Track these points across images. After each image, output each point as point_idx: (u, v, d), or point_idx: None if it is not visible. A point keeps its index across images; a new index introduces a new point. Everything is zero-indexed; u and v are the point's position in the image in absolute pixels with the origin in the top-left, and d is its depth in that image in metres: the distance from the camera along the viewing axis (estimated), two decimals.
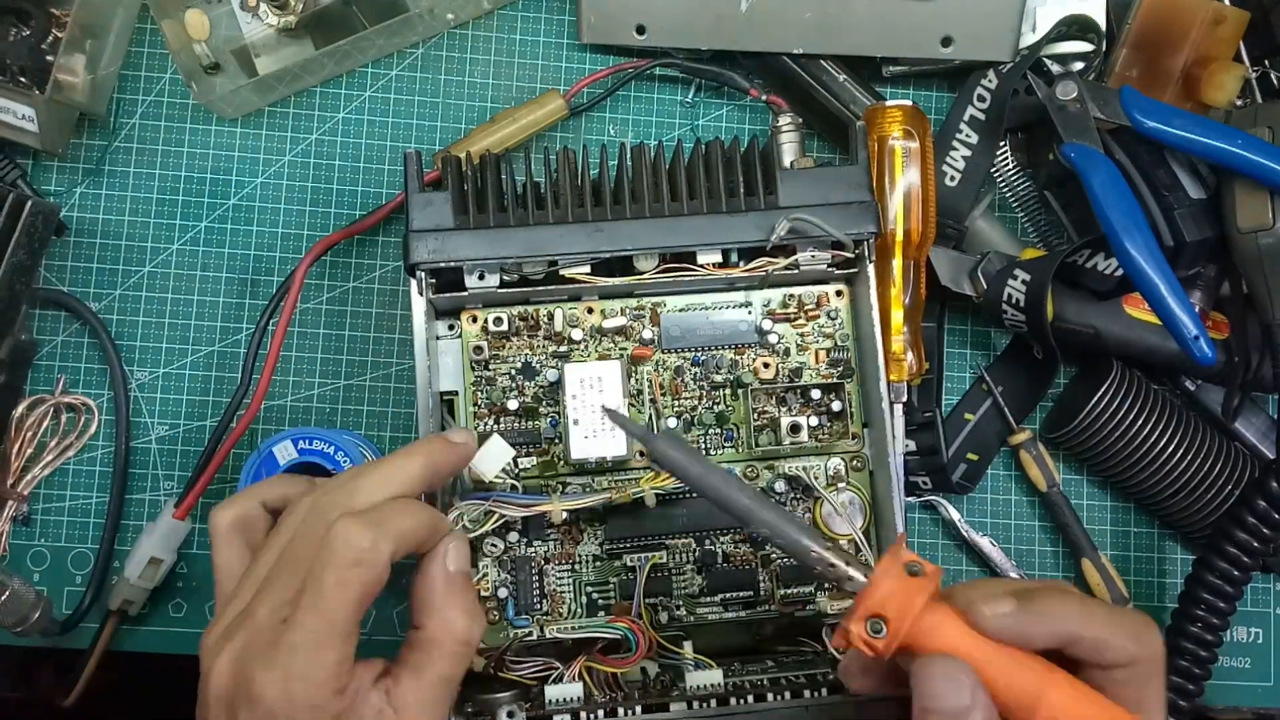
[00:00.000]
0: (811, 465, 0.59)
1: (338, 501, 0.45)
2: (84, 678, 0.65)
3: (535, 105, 0.68)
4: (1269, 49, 0.70)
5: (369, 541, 0.43)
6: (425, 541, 0.46)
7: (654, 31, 0.69)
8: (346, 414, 0.69)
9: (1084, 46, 0.69)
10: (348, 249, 0.70)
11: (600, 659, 0.56)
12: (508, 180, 0.58)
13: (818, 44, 0.68)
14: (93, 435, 0.68)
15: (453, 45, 0.71)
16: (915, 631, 0.41)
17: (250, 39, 0.68)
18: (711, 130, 0.72)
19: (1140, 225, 0.62)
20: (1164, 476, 0.67)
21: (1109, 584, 0.69)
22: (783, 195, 0.56)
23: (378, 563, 0.43)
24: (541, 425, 0.58)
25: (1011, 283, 0.66)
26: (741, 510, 0.45)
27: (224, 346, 0.69)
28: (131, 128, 0.69)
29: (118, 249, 0.69)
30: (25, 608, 0.62)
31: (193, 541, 0.67)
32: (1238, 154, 0.61)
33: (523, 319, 0.58)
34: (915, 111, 0.64)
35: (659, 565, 0.58)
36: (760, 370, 0.59)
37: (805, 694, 0.54)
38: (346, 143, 0.70)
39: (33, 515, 0.67)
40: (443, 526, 0.48)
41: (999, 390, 0.70)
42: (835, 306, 0.59)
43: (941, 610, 0.41)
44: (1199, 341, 0.61)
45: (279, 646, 0.42)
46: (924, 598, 0.41)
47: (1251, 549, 0.63)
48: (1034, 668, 0.41)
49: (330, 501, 0.45)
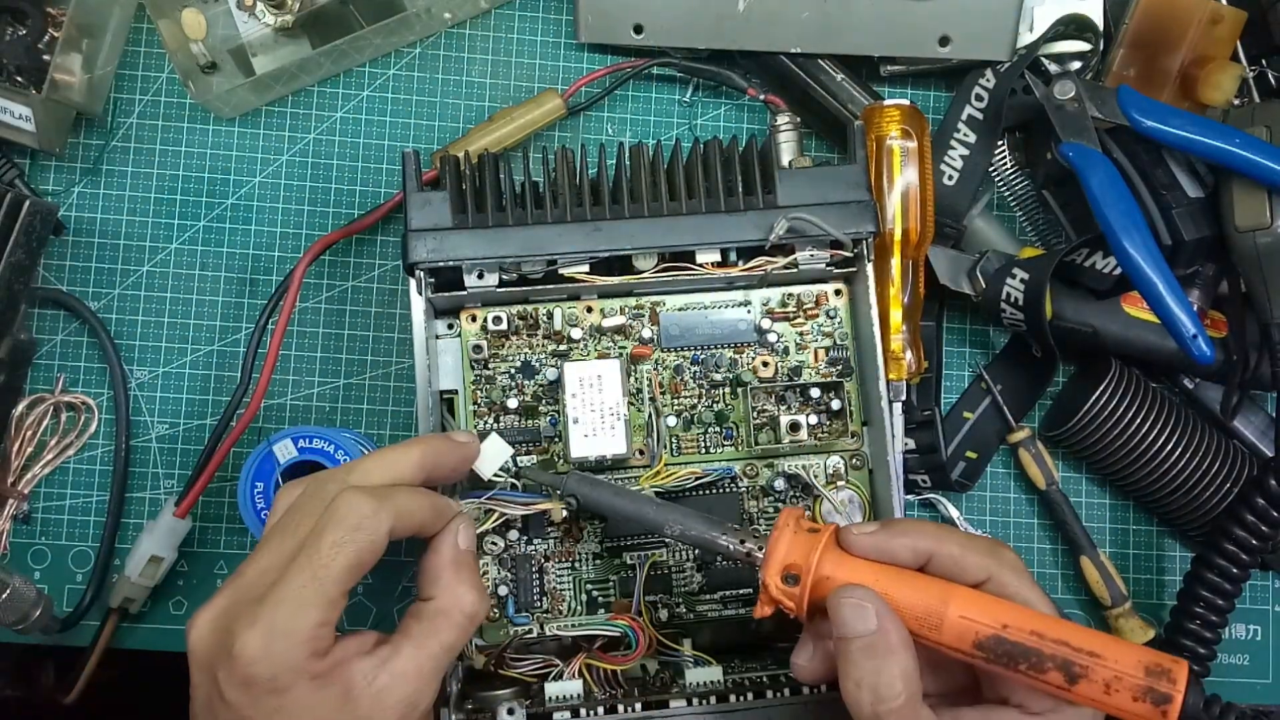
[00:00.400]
0: (811, 463, 0.59)
1: (338, 477, 0.46)
2: (85, 675, 0.65)
3: (533, 105, 0.68)
4: (1266, 48, 0.70)
5: (371, 509, 0.44)
6: (428, 525, 0.47)
7: (652, 31, 0.69)
8: (346, 413, 0.69)
9: (1082, 46, 0.69)
10: (346, 248, 0.70)
11: (600, 656, 0.56)
12: (506, 180, 0.58)
13: (816, 43, 0.68)
14: (93, 434, 0.68)
15: (450, 44, 0.71)
16: (820, 577, 0.45)
17: (247, 38, 0.68)
18: (710, 130, 0.72)
19: (1138, 224, 0.62)
20: (1163, 475, 0.67)
21: (1108, 582, 0.69)
22: (781, 195, 0.56)
23: (377, 531, 0.44)
24: (541, 424, 0.58)
25: (1010, 281, 0.66)
26: (652, 522, 0.51)
27: (223, 345, 0.69)
28: (129, 127, 0.69)
29: (116, 248, 0.69)
30: (26, 606, 0.62)
31: (193, 540, 0.67)
32: (1235, 153, 0.61)
33: (522, 318, 0.58)
34: (913, 111, 0.64)
35: (659, 563, 0.58)
36: (759, 369, 0.59)
37: (804, 691, 0.54)
38: (344, 142, 0.70)
39: (33, 513, 0.67)
40: (449, 511, 0.49)
41: (998, 389, 0.70)
42: (834, 305, 0.59)
43: (839, 553, 0.47)
44: (1197, 340, 0.61)
45: (264, 602, 0.42)
46: (821, 545, 0.46)
47: (1250, 546, 0.63)
48: (935, 582, 0.45)
49: (331, 478, 0.47)
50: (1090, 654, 0.42)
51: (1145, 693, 0.41)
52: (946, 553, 0.46)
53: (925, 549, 0.46)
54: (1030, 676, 0.43)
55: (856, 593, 0.44)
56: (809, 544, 0.46)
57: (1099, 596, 0.69)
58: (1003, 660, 0.43)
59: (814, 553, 0.46)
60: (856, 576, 0.45)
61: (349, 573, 0.43)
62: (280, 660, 0.41)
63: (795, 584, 0.46)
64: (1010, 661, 0.43)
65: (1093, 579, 0.69)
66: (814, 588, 0.46)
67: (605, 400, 0.55)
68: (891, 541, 0.46)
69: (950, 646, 0.44)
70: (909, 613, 0.44)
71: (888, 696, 0.42)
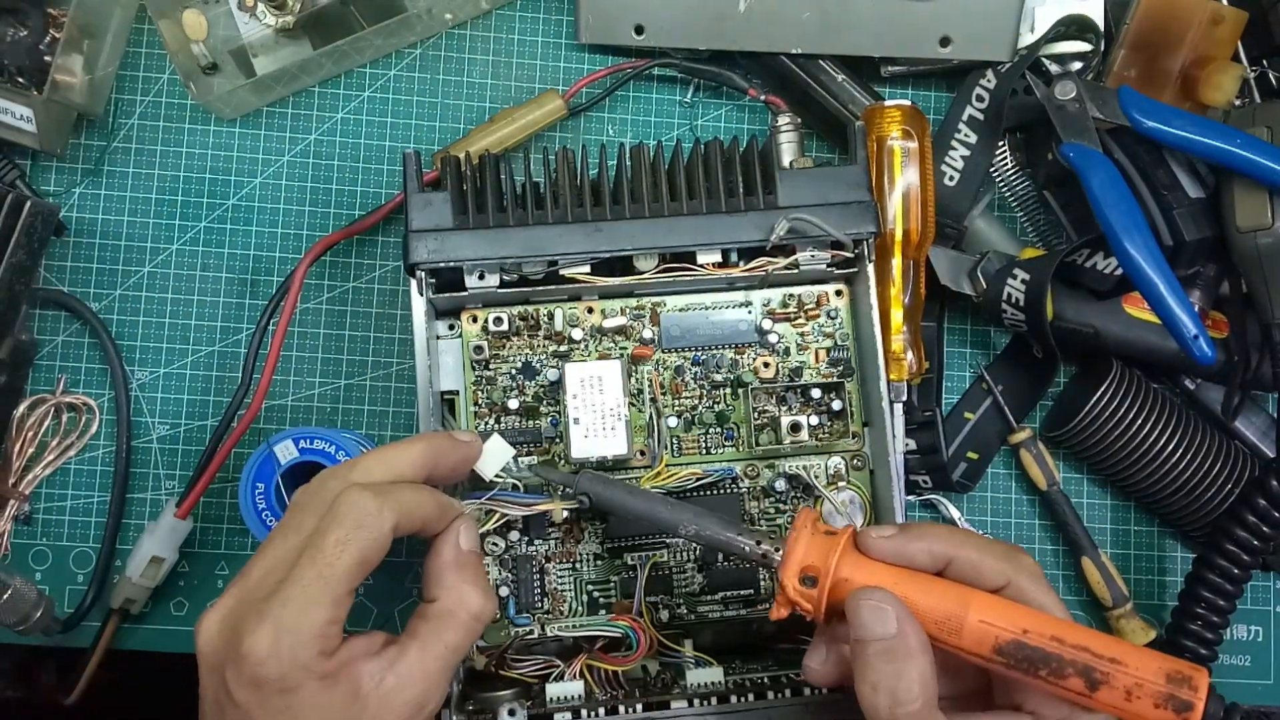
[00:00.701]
0: (812, 464, 0.59)
1: (340, 474, 0.46)
2: (86, 676, 0.65)
3: (534, 105, 0.68)
4: (1267, 49, 0.70)
5: (374, 506, 0.44)
6: (431, 523, 0.47)
7: (652, 31, 0.69)
8: (347, 414, 0.69)
9: (1082, 46, 0.69)
10: (347, 249, 0.70)
11: (601, 657, 0.56)
12: (507, 180, 0.58)
13: (816, 44, 0.68)
14: (94, 435, 0.68)
15: (451, 45, 0.71)
16: (839, 579, 0.45)
17: (248, 39, 0.68)
18: (710, 130, 0.72)
19: (1139, 225, 0.62)
20: (1164, 475, 0.67)
21: (1109, 582, 0.69)
22: (782, 195, 0.56)
23: (380, 528, 0.44)
24: (542, 424, 0.58)
25: (1011, 282, 0.66)
26: (665, 522, 0.50)
27: (224, 346, 0.69)
28: (130, 128, 0.69)
29: (117, 249, 0.69)
30: (27, 606, 0.62)
31: (194, 540, 0.67)
32: (1236, 153, 0.61)
33: (523, 319, 0.58)
34: (914, 111, 0.64)
35: (659, 564, 0.58)
36: (760, 369, 0.59)
37: (805, 691, 0.54)
38: (345, 143, 0.70)
39: (34, 514, 0.67)
40: (452, 510, 0.49)
41: (999, 389, 0.70)
42: (835, 306, 0.59)
43: (858, 555, 0.46)
44: (1198, 341, 0.61)
45: (271, 601, 0.42)
46: (840, 547, 0.46)
47: (1251, 547, 0.63)
48: (954, 587, 0.45)
49: (333, 475, 0.47)
50: (1112, 660, 0.42)
51: (1167, 700, 0.41)
52: (965, 558, 0.45)
53: (943, 553, 0.46)
54: (1050, 683, 0.42)
55: (876, 595, 0.44)
56: (827, 546, 0.46)
57: (1100, 597, 0.69)
58: (1023, 666, 0.43)
59: (832, 555, 0.45)
60: (875, 579, 0.45)
61: (354, 570, 0.43)
62: (289, 659, 0.41)
63: (813, 586, 0.45)
64: (1030, 667, 0.43)
65: (1094, 579, 0.69)
66: (832, 590, 0.45)
67: (606, 401, 0.55)
68: (910, 546, 0.46)
69: (969, 651, 0.44)
70: (928, 617, 0.44)
71: (905, 701, 0.42)
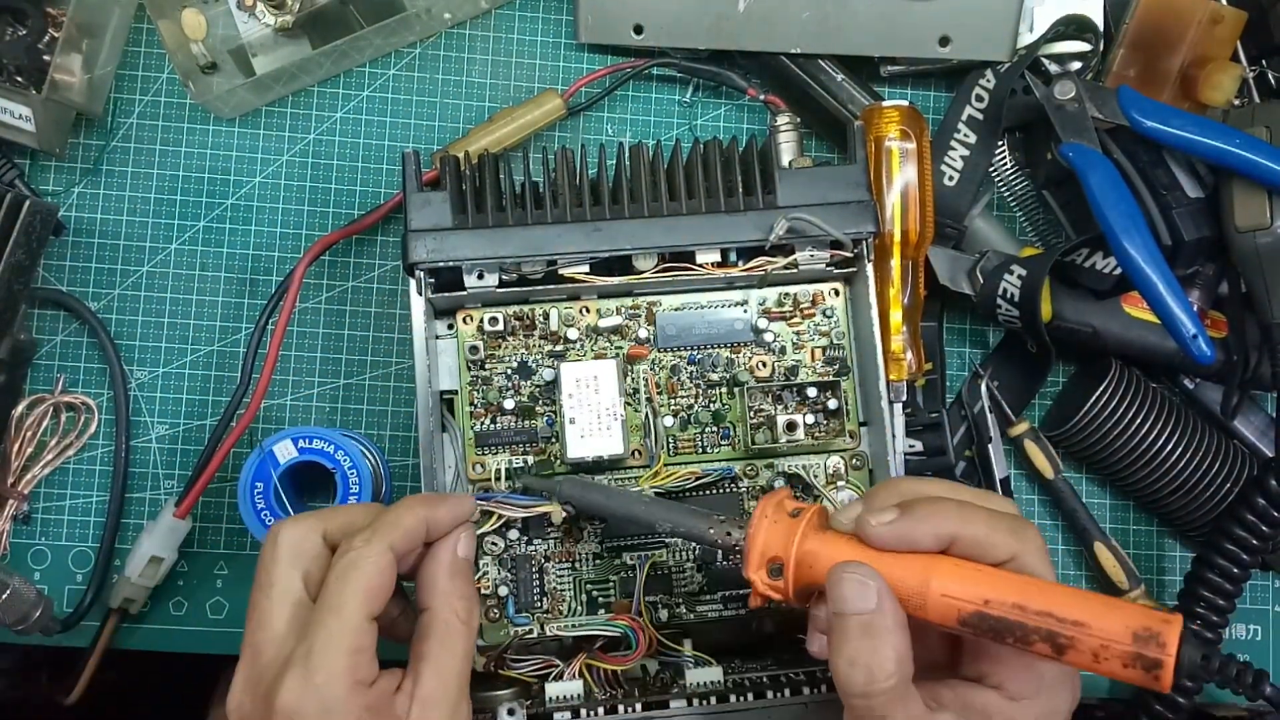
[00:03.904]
0: (811, 463, 0.59)
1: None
2: (85, 676, 0.65)
3: (533, 105, 0.68)
4: (1266, 49, 0.70)
5: (361, 539, 0.45)
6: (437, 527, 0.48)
7: (652, 31, 0.69)
8: (346, 413, 0.69)
9: (1082, 46, 0.69)
10: (346, 249, 0.70)
11: (600, 657, 0.56)
12: (506, 180, 0.58)
13: (816, 44, 0.68)
14: (93, 434, 0.68)
15: (450, 45, 0.71)
16: (803, 560, 0.45)
17: (247, 39, 0.68)
18: (710, 130, 0.72)
19: (1139, 224, 0.62)
20: (1163, 475, 0.67)
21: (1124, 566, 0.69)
22: (781, 195, 0.56)
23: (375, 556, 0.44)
24: (538, 424, 0.58)
25: (1007, 278, 0.66)
26: (643, 521, 0.51)
27: (223, 346, 0.69)
28: (129, 127, 0.69)
29: (116, 249, 0.69)
30: (26, 606, 0.62)
31: (193, 540, 0.67)
32: (1235, 153, 0.61)
33: (518, 319, 0.58)
34: (912, 112, 0.64)
35: (659, 563, 0.58)
36: (756, 368, 0.59)
37: (804, 691, 0.54)
38: (344, 142, 0.70)
39: (33, 514, 0.67)
40: (463, 513, 0.49)
41: (994, 385, 0.70)
42: (830, 305, 0.59)
43: (822, 534, 0.45)
44: (1197, 340, 0.61)
45: (295, 654, 0.42)
46: (803, 528, 0.45)
47: (1250, 546, 0.63)
48: (916, 558, 0.44)
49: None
50: (1075, 623, 0.41)
51: (1135, 659, 0.40)
52: (971, 535, 0.44)
53: (949, 533, 0.44)
54: (1019, 647, 0.42)
55: (861, 570, 0.43)
56: (787, 532, 0.46)
57: (1116, 581, 0.69)
58: (989, 634, 0.42)
59: (792, 542, 0.45)
60: (841, 555, 0.44)
61: (362, 599, 0.43)
62: (328, 698, 0.41)
63: (780, 576, 0.45)
64: (996, 635, 0.42)
65: (1109, 564, 0.69)
66: (801, 574, 0.45)
67: (602, 400, 0.55)
68: (915, 531, 0.44)
69: (937, 622, 0.43)
70: (896, 590, 0.43)
71: (880, 676, 0.42)
